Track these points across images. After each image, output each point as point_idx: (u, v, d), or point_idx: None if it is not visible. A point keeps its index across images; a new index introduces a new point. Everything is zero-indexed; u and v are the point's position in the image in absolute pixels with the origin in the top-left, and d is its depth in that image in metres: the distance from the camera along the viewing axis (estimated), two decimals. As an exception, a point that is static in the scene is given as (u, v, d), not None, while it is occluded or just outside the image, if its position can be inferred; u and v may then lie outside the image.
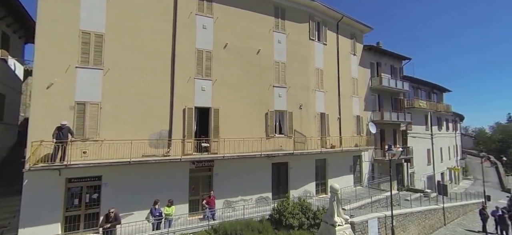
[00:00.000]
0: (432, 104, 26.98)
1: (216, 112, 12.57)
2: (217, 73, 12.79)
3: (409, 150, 21.68)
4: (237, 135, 12.67)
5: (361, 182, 18.43)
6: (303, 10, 16.17)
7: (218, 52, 12.95)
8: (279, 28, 15.13)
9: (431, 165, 25.65)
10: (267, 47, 14.59)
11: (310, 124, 15.70)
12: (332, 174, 16.49)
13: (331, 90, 17.39)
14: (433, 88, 28.96)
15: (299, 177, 14.80)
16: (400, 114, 21.23)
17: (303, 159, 14.67)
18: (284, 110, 14.83)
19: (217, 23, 13.01)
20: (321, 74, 16.83)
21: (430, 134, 26.02)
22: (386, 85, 20.35)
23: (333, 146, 16.24)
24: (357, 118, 18.93)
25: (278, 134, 14.53)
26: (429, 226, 14.72)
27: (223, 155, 11.72)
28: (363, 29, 20.34)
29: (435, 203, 17.07)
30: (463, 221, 17.47)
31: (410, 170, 22.51)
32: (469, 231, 15.71)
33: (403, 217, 12.89)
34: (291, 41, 15.48)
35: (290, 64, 15.28)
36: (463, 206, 19.37)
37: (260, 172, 13.37)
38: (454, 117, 35.22)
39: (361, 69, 19.93)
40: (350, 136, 18.04)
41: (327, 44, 17.49)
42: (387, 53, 22.24)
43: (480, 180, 31.03)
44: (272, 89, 14.50)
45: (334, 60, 17.98)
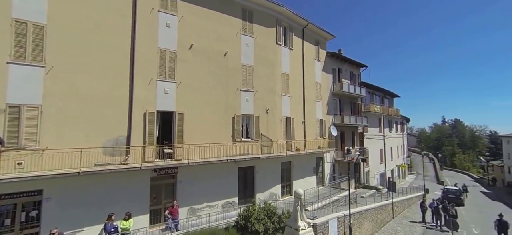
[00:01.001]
0: (384, 108, 29.74)
1: (181, 116, 11.97)
2: (182, 75, 12.18)
3: (365, 151, 23.55)
4: (203, 140, 12.27)
5: (324, 182, 19.43)
6: (270, 14, 16.33)
7: (183, 53, 12.33)
8: (247, 31, 15.04)
9: (383, 163, 28.31)
10: (235, 50, 14.39)
11: (276, 128, 15.98)
12: (296, 176, 17.05)
13: (297, 94, 17.94)
14: (385, 94, 31.95)
15: (266, 181, 14.96)
16: (358, 117, 22.92)
17: (269, 162, 14.86)
18: (251, 114, 14.82)
19: (182, 22, 12.37)
20: (287, 78, 17.23)
21: (382, 136, 28.67)
22: (346, 90, 21.75)
23: (298, 149, 16.78)
24: (320, 121, 19.88)
25: (245, 138, 14.47)
26: (381, 220, 16.19)
27: (187, 162, 11.20)
28: (326, 36, 21.39)
29: (385, 198, 18.85)
30: (408, 214, 19.64)
31: (366, 169, 24.50)
32: (412, 222, 17.70)
33: (359, 215, 13.92)
34: (259, 45, 15.53)
35: (257, 67, 15.32)
36: (408, 199, 21.78)
37: (226, 177, 13.15)
38: (402, 119, 39.41)
39: (324, 75, 20.96)
40: (314, 139, 18.87)
41: (293, 49, 17.97)
42: (348, 60, 23.79)
43: (422, 174, 35.36)
44: (239, 92, 14.36)
45: (300, 65, 18.58)
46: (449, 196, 23.40)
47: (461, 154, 65.86)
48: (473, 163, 63.55)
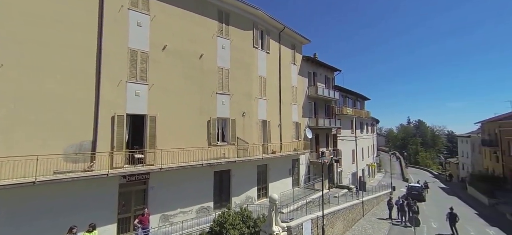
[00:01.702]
0: (356, 110, 31.26)
1: (153, 119, 11.48)
2: (155, 77, 11.70)
3: (338, 152, 24.53)
4: (177, 144, 11.90)
5: (299, 183, 19.88)
6: (247, 17, 16.33)
7: (156, 54, 11.85)
8: (223, 33, 14.88)
9: (355, 163, 29.73)
10: (211, 52, 14.17)
11: (253, 131, 16.02)
12: (273, 178, 17.24)
13: (273, 97, 18.15)
14: (357, 97, 33.59)
15: (242, 184, 14.92)
16: (332, 120, 23.80)
17: (245, 166, 14.83)
18: (227, 118, 14.69)
19: (155, 22, 11.87)
20: (264, 81, 17.35)
21: (354, 137, 30.10)
22: (321, 94, 22.46)
23: (274, 152, 16.98)
24: (296, 124, 20.31)
25: (220, 142, 14.30)
26: (352, 219, 16.97)
27: (160, 167, 10.77)
28: (302, 41, 21.92)
29: (356, 197, 19.80)
30: (376, 211, 20.84)
31: (339, 169, 25.53)
32: (380, 219, 18.81)
33: (332, 215, 14.45)
34: (235, 48, 15.44)
35: (233, 70, 15.22)
36: (377, 197, 23.10)
37: (201, 181, 12.88)
38: (372, 121, 41.73)
39: (300, 78, 21.46)
40: (290, 141, 19.23)
41: (270, 52, 18.15)
42: (322, 64, 24.60)
43: (389, 172, 37.72)
44: (215, 96, 14.16)
45: (276, 68, 18.82)
46: (413, 192, 25.26)
47: (423, 152, 71.59)
48: (433, 160, 69.43)
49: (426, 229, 17.03)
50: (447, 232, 16.16)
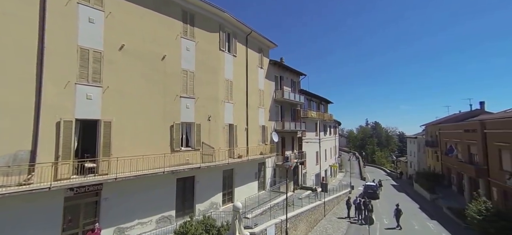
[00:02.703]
0: (320, 114, 32.81)
1: (108, 125, 10.56)
2: (111, 79, 10.78)
3: (303, 154, 25.46)
4: (136, 151, 11.14)
5: (265, 187, 20.12)
6: (213, 19, 16.01)
7: (112, 54, 10.93)
8: (187, 35, 14.36)
9: (318, 165, 31.17)
10: (174, 54, 13.56)
11: (219, 136, 15.76)
12: (239, 183, 17.15)
13: (240, 101, 18.09)
14: (321, 100, 35.30)
15: (206, 190, 14.55)
16: (298, 123, 24.61)
17: (210, 171, 14.51)
18: (192, 122, 14.22)
19: (110, 19, 10.94)
20: (230, 85, 17.19)
21: (318, 139, 31.56)
22: (287, 97, 23.06)
23: (240, 156, 16.93)
24: (262, 127, 20.54)
25: (184, 147, 13.78)
26: (314, 220, 17.73)
27: (115, 176, 9.94)
28: (269, 45, 22.25)
29: (319, 198, 20.76)
30: (336, 210, 22.12)
31: (303, 171, 26.51)
32: (339, 218, 20.00)
33: (295, 218, 14.92)
34: (201, 50, 15.03)
35: (199, 73, 14.80)
36: (337, 197, 24.53)
37: (162, 189, 12.22)
38: (335, 123, 44.26)
39: (267, 82, 21.76)
40: (256, 145, 19.36)
41: (236, 56, 18.05)
42: (289, 69, 25.28)
43: (349, 172, 40.40)
44: (179, 99, 13.59)
45: (243, 72, 18.80)
46: (369, 191, 27.40)
47: (379, 152, 78.22)
48: (387, 159, 76.27)
49: (379, 225, 18.60)
50: (396, 227, 17.92)
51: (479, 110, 30.66)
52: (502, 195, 18.83)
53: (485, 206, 16.08)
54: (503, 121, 19.49)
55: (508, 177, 17.60)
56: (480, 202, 16.70)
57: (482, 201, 16.72)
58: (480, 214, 15.77)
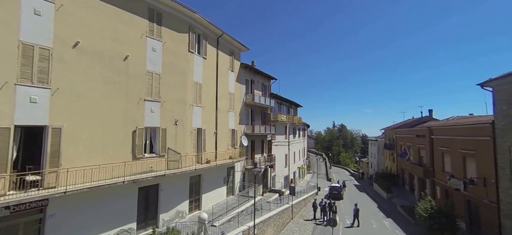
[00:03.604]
0: (290, 117, 33.63)
1: (57, 132, 9.46)
2: (61, 79, 9.68)
3: (272, 158, 25.82)
4: (92, 160, 10.21)
5: (233, 191, 19.94)
6: (183, 19, 15.38)
7: (64, 51, 9.83)
8: (154, 34, 13.57)
9: (287, 167, 31.91)
10: (138, 54, 12.70)
11: (186, 141, 15.18)
12: (206, 189, 16.73)
13: (209, 104, 17.66)
14: (291, 104, 36.21)
15: (171, 198, 13.90)
16: (268, 127, 24.87)
17: (176, 178, 13.89)
18: (157, 127, 13.47)
19: (62, 13, 9.83)
20: (199, 88, 16.68)
21: (288, 142, 32.31)
22: (257, 101, 23.15)
23: (208, 161, 16.52)
24: (232, 131, 20.33)
25: (148, 154, 12.99)
26: (282, 223, 18.07)
27: (64, 190, 8.93)
28: (241, 48, 22.11)
29: (287, 201, 21.21)
30: (303, 213, 22.87)
31: (272, 174, 26.89)
32: (306, 220, 20.70)
33: (263, 223, 15.03)
34: (168, 51, 14.32)
35: (166, 75, 14.08)
36: (304, 199, 25.39)
37: (122, 200, 11.35)
38: (304, 126, 45.78)
39: (237, 85, 21.59)
40: (225, 149, 19.09)
41: (206, 58, 17.59)
42: (260, 72, 25.43)
43: (317, 173, 42.12)
44: (142, 103, 12.76)
45: (213, 75, 18.40)
46: (333, 192, 28.85)
47: (344, 153, 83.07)
48: (351, 160, 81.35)
49: (342, 225, 19.65)
50: (354, 225, 19.21)
51: (428, 117, 34.20)
52: (444, 194, 21.21)
53: (430, 204, 17.88)
54: (445, 128, 21.99)
55: (448, 177, 19.86)
56: (426, 201, 18.54)
57: (428, 200, 18.59)
58: (426, 212, 17.49)
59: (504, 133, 14.19)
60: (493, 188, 14.92)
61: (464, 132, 18.56)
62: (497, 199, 14.64)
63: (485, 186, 15.70)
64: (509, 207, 13.85)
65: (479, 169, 16.50)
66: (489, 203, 15.31)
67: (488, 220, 15.54)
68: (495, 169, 14.75)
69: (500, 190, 14.49)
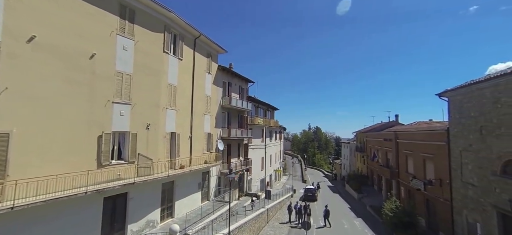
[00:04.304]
0: (267, 120, 33.81)
1: (4, 138, 8.36)
2: (12, 78, 8.60)
3: (249, 161, 25.67)
4: (49, 169, 9.19)
5: (209, 197, 19.42)
6: (158, 18, 14.65)
7: (16, 46, 8.75)
8: (125, 32, 12.71)
9: (263, 170, 32.00)
10: (107, 53, 11.79)
11: (158, 146, 14.43)
12: (180, 195, 16.05)
13: (184, 108, 17.02)
14: (268, 107, 36.45)
15: (141, 207, 13.07)
16: (244, 130, 24.69)
17: (147, 186, 13.10)
18: (127, 131, 12.62)
19: (14, 2, 8.75)
20: (174, 90, 15.99)
21: (264, 145, 32.43)
22: (234, 104, 22.85)
23: (182, 167, 15.88)
24: (208, 135, 19.82)
25: (116, 160, 12.10)
26: (257, 228, 17.99)
27: (11, 205, 7.86)
28: (218, 50, 21.68)
29: (263, 205, 21.19)
30: (279, 216, 23.02)
31: (249, 177, 26.75)
32: (281, 223, 20.85)
33: (239, 229, 14.80)
34: (141, 50, 13.51)
35: (137, 76, 13.25)
36: (280, 202, 25.59)
37: (84, 213, 10.36)
38: (280, 129, 46.38)
39: (214, 88, 21.13)
40: (201, 153, 18.54)
41: (183, 59, 16.94)
42: (237, 75, 25.19)
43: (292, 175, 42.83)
44: (110, 105, 11.85)
45: (189, 77, 17.78)
46: (308, 194, 29.50)
47: (319, 154, 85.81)
48: (325, 161, 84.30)
49: (315, 227, 20.10)
50: (327, 226, 19.82)
51: (394, 121, 36.61)
52: (407, 193, 22.77)
53: (395, 205, 19.05)
54: (408, 133, 23.69)
55: (411, 178, 21.35)
56: (391, 202, 19.72)
57: (393, 201, 19.80)
58: (392, 212, 18.59)
59: (456, 139, 15.62)
60: (447, 188, 16.38)
61: (424, 137, 20.12)
62: (451, 198, 16.09)
63: (441, 186, 17.16)
64: (459, 204, 15.26)
65: (436, 171, 18.00)
66: (444, 201, 16.76)
67: (443, 216, 16.99)
68: (449, 171, 16.20)
69: (453, 189, 15.94)
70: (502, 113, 12.12)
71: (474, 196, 13.93)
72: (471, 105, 14.32)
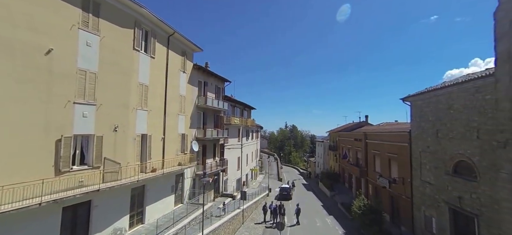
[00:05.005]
0: (243, 120, 33.71)
1: None
2: None
3: (225, 162, 25.41)
4: (-7, 178, 8.14)
5: (183, 200, 18.87)
6: (127, 13, 13.75)
7: (-47, 40, 7.61)
8: (89, 27, 11.73)
9: (239, 170, 31.91)
10: (66, 48, 10.78)
11: (128, 148, 13.63)
12: (152, 200, 15.35)
13: (157, 108, 16.27)
14: (245, 107, 36.33)
15: (107, 215, 12.26)
16: (220, 130, 24.33)
17: (114, 192, 12.29)
18: (91, 134, 11.71)
19: (-48, -10, 7.60)
20: (146, 90, 15.19)
21: (240, 145, 32.32)
22: (210, 104, 22.38)
23: (154, 170, 15.20)
24: (182, 136, 19.20)
25: (78, 166, 11.18)
26: (232, 230, 17.91)
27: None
28: (193, 48, 21.04)
29: (238, 205, 21.13)
30: (254, 216, 23.17)
31: (224, 177, 26.50)
32: (256, 224, 20.99)
33: (213, 233, 14.57)
34: (108, 47, 12.59)
35: (104, 75, 12.33)
36: (256, 202, 25.74)
37: (37, 226, 9.37)
38: (257, 128, 46.59)
39: (189, 87, 20.49)
40: (174, 155, 17.91)
41: (155, 57, 16.14)
42: (214, 74, 24.70)
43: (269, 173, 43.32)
44: (71, 106, 10.89)
45: (163, 76, 17.02)
46: (283, 193, 30.05)
47: (295, 152, 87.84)
48: (301, 159, 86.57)
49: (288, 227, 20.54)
50: (300, 224, 20.38)
51: (365, 122, 38.65)
52: (375, 191, 24.24)
53: (363, 202, 20.16)
54: (376, 134, 25.17)
55: (378, 177, 22.74)
56: (360, 200, 20.84)
57: (361, 199, 20.93)
58: (360, 209, 19.65)
59: (417, 141, 16.90)
60: (409, 186, 17.70)
61: (389, 138, 21.50)
62: (411, 195, 17.42)
63: (404, 184, 18.49)
64: (419, 201, 16.59)
65: (400, 170, 19.36)
66: (406, 198, 18.10)
67: (405, 212, 18.37)
68: (411, 170, 17.50)
69: (413, 187, 17.26)
70: (454, 118, 13.31)
71: (431, 193, 15.19)
72: (429, 110, 15.54)
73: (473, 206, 12.04)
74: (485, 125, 11.38)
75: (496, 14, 10.26)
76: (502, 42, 9.92)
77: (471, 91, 12.28)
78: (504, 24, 9.87)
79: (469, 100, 12.37)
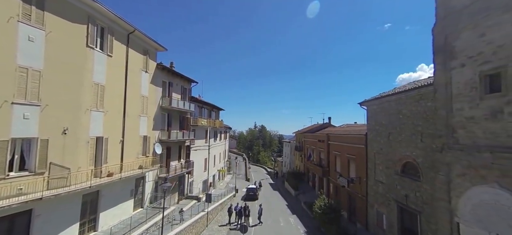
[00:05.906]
0: (211, 121, 33.35)
1: None
2: None
3: (190, 164, 24.91)
4: None
5: (143, 204, 18.08)
6: (78, 7, 12.77)
7: None
8: (32, 20, 10.68)
9: (206, 171, 31.52)
10: (3, 44, 9.70)
11: (79, 152, 12.70)
12: (107, 205, 14.46)
13: (115, 109, 15.38)
14: (213, 108, 35.97)
15: (52, 225, 11.25)
16: (186, 132, 23.80)
17: (61, 199, 11.34)
18: (33, 137, 10.68)
19: None
20: (101, 90, 14.27)
21: (208, 146, 31.94)
22: (175, 106, 21.76)
23: (110, 174, 14.37)
24: (144, 138, 18.40)
25: (16, 172, 10.13)
26: (195, 233, 17.68)
27: None
28: (157, 47, 20.25)
29: (203, 207, 20.87)
30: (219, 218, 23.12)
31: (190, 179, 25.97)
32: (221, 226, 21.00)
33: (174, 238, 14.27)
34: (56, 43, 11.58)
35: (50, 73, 11.32)
36: (221, 204, 25.66)
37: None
38: (226, 128, 46.40)
39: (152, 87, 19.70)
40: (135, 158, 17.10)
41: (113, 56, 15.23)
42: (179, 75, 24.06)
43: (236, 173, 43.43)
44: (8, 107, 9.82)
45: (122, 75, 16.14)
46: (250, 194, 30.45)
47: (263, 152, 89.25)
48: (269, 158, 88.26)
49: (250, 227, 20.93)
50: (263, 223, 20.90)
51: (328, 123, 40.98)
52: (335, 190, 25.91)
53: (324, 202, 21.44)
54: (337, 136, 26.93)
55: (338, 177, 24.38)
56: (321, 199, 22.12)
57: (322, 198, 22.21)
58: (320, 209, 20.86)
59: (372, 143, 18.49)
60: (365, 185, 19.27)
61: (348, 140, 23.17)
62: (366, 193, 18.98)
63: (360, 184, 20.07)
64: (372, 199, 18.17)
65: (357, 170, 20.95)
66: (362, 197, 19.68)
67: (360, 209, 19.97)
68: (366, 170, 19.08)
69: (368, 186, 18.83)
70: (402, 123, 14.80)
71: (383, 192, 16.70)
72: (382, 114, 17.05)
73: (417, 204, 13.28)
74: (427, 129, 12.55)
75: (433, 30, 11.30)
76: (439, 56, 10.97)
77: (416, 98, 13.54)
78: (440, 39, 10.91)
79: (415, 106, 13.65)
